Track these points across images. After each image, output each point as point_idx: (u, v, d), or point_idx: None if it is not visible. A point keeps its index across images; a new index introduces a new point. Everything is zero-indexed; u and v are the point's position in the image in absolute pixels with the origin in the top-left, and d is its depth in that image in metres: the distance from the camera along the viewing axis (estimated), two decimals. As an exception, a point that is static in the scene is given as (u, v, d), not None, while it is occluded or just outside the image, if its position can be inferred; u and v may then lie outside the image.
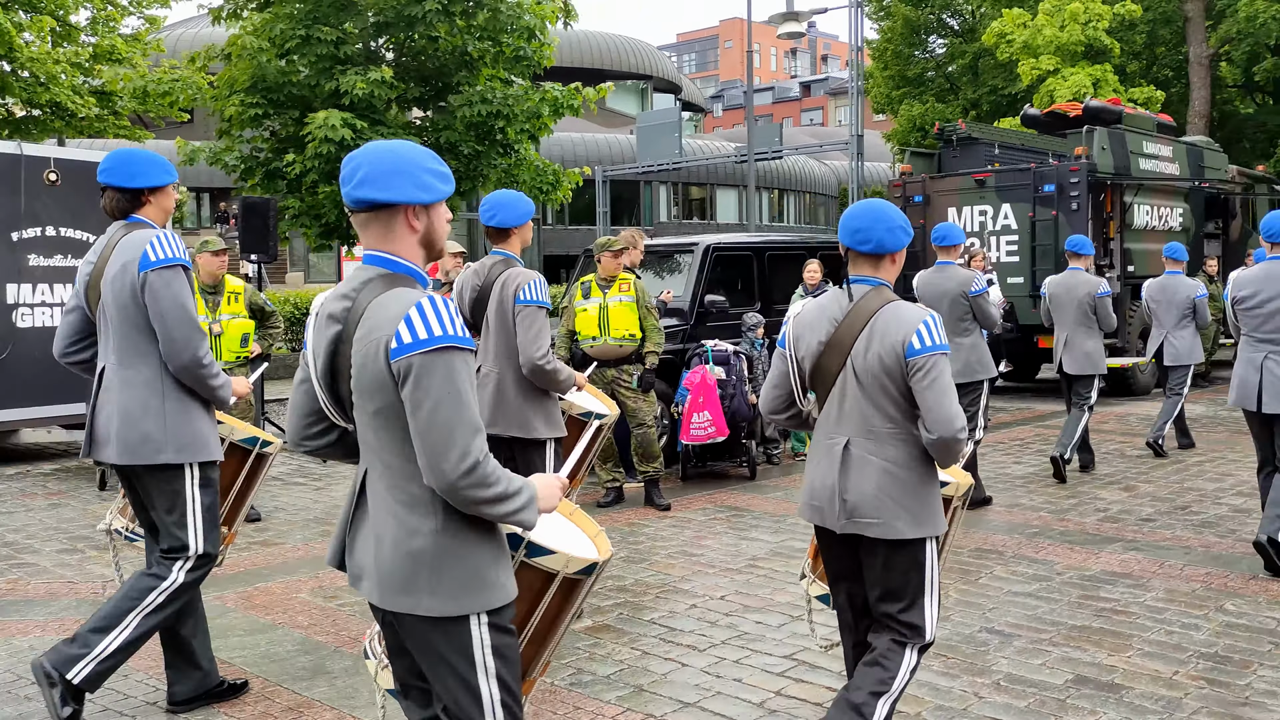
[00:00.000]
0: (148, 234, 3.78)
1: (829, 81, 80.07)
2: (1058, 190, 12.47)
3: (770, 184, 39.64)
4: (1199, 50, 25.38)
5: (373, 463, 2.38)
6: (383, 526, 2.34)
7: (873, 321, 3.24)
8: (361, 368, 2.30)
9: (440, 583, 2.29)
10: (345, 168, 2.35)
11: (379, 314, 2.28)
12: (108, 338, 3.83)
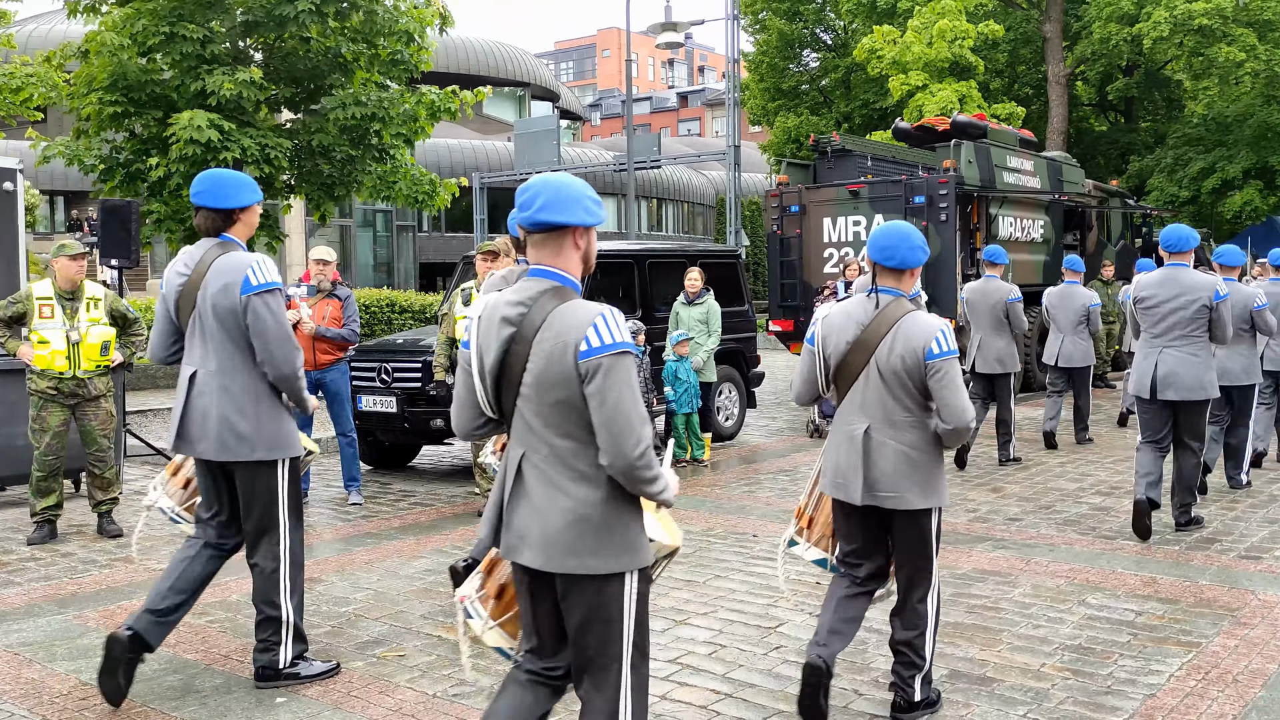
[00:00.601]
0: (247, 258, 4.23)
1: (706, 93, 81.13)
2: (927, 202, 12.87)
3: (648, 193, 39.86)
4: (1057, 70, 26.58)
5: (536, 446, 2.81)
6: (548, 500, 2.78)
7: (896, 327, 3.84)
8: (546, 365, 2.74)
9: (603, 546, 2.76)
10: (523, 196, 2.85)
11: (564, 321, 2.73)
12: (204, 346, 4.27)
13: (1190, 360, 6.70)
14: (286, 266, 24.87)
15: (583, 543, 2.75)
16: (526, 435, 2.84)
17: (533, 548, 2.79)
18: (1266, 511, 7.71)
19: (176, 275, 4.33)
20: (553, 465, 2.79)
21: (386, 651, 4.94)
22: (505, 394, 2.85)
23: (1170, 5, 22.53)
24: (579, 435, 2.76)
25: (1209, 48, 23.37)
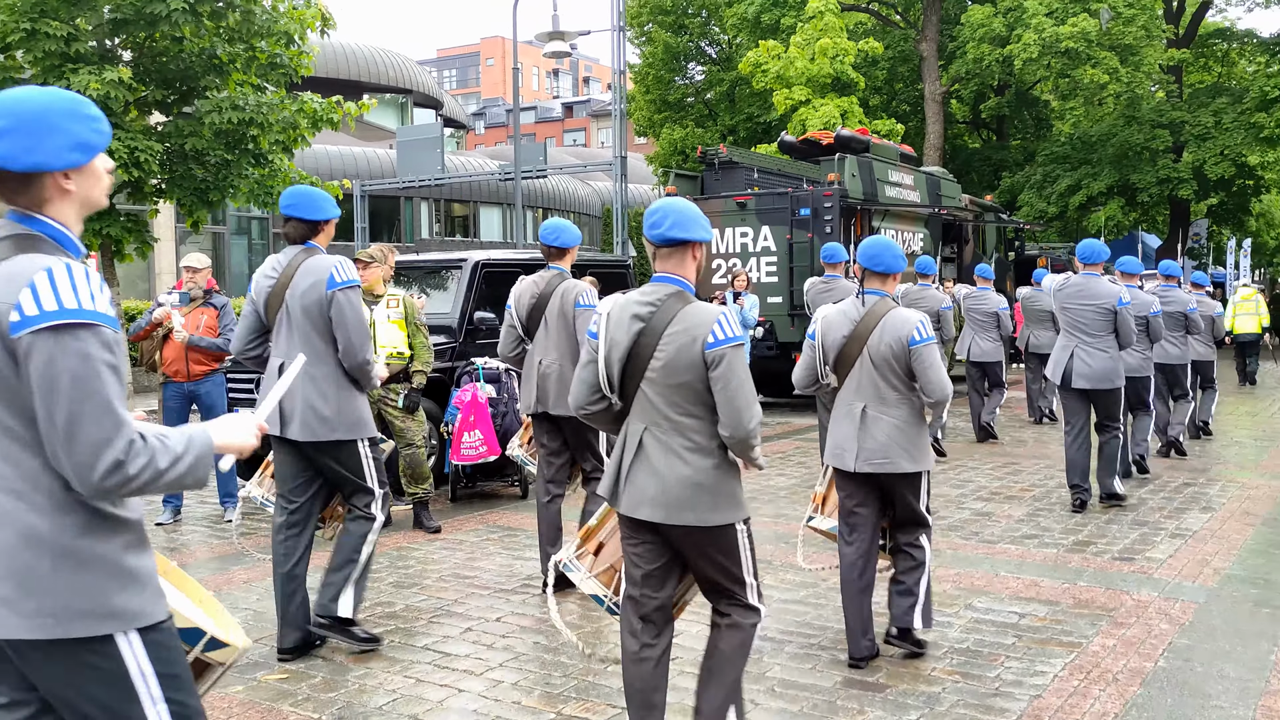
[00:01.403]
0: (330, 259, 4.76)
1: (591, 104, 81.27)
2: (813, 214, 13.08)
3: (534, 203, 39.63)
4: (933, 88, 27.40)
5: (657, 421, 3.39)
6: (668, 466, 3.36)
7: (883, 321, 4.64)
8: (675, 354, 3.33)
9: (716, 502, 3.36)
10: (653, 217, 3.41)
11: (692, 318, 3.34)
12: (290, 339, 4.75)
13: (1099, 355, 7.77)
14: (155, 274, 23.90)
15: (700, 500, 3.36)
16: (650, 412, 3.42)
17: (651, 504, 3.38)
18: (1136, 514, 8.02)
19: (265, 278, 4.89)
20: (672, 437, 3.38)
21: (268, 675, 4.73)
22: (629, 377, 3.44)
23: (1039, 28, 23.44)
24: (697, 413, 3.37)
25: (1075, 70, 24.39)
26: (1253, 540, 7.21)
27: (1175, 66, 28.82)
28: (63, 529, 2.04)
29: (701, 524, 3.36)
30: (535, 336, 5.91)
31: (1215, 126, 26.28)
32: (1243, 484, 9.25)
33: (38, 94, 2.12)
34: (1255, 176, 28.57)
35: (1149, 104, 27.22)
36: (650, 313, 3.40)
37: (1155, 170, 26.65)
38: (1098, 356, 7.78)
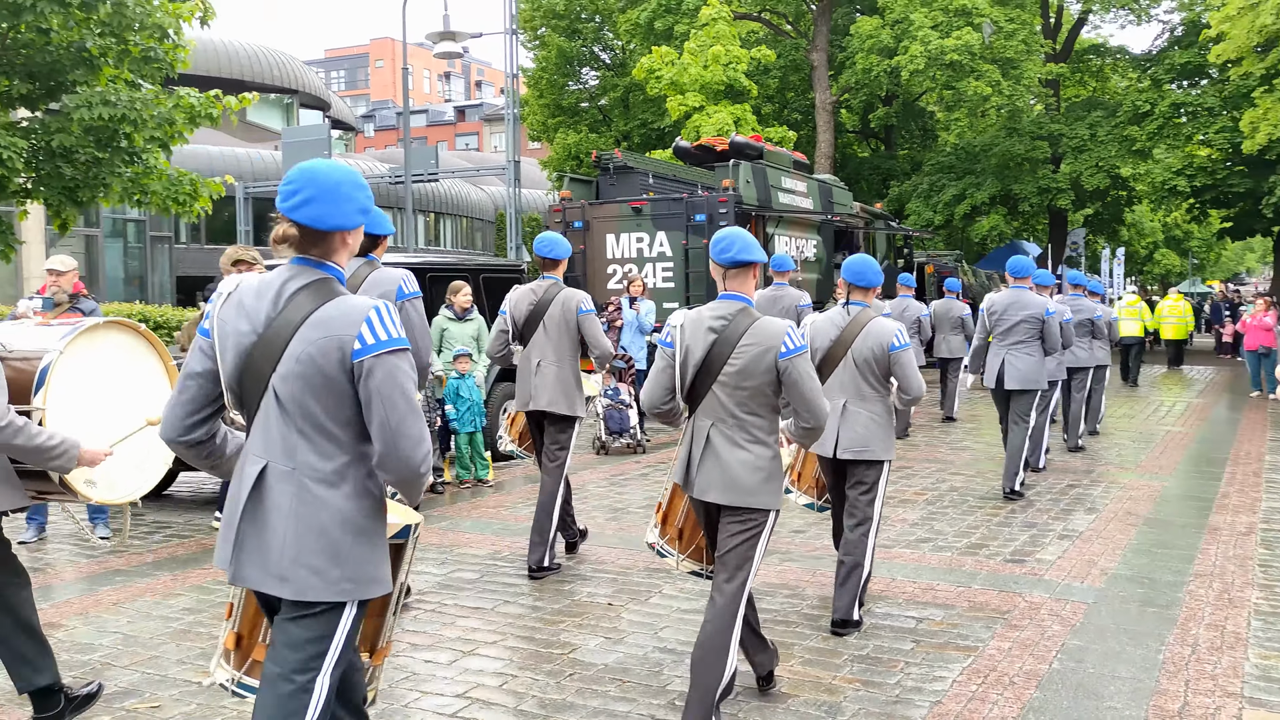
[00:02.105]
0: (398, 273, 5.04)
1: (484, 107, 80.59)
2: (708, 220, 13.07)
3: (426, 207, 38.99)
4: (824, 97, 27.81)
5: (724, 418, 3.99)
6: (731, 455, 3.98)
7: (866, 328, 5.34)
8: (748, 363, 3.91)
9: (768, 487, 3.99)
10: (721, 243, 4.02)
11: (764, 331, 3.92)
12: None
13: (1027, 359, 8.70)
14: (23, 279, 22.71)
15: (757, 486, 3.98)
16: (718, 410, 4.01)
17: (717, 488, 3.99)
18: (1026, 515, 8.15)
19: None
20: (737, 432, 3.99)
21: (139, 703, 4.42)
22: (700, 380, 4.00)
23: (925, 40, 23.99)
24: (761, 412, 3.99)
25: (959, 82, 25.03)
26: (1136, 540, 7.38)
27: (1053, 80, 29.85)
28: (360, 511, 2.65)
29: (758, 505, 3.99)
30: (532, 340, 6.43)
31: (1091, 139, 27.27)
32: (1124, 484, 9.51)
33: (332, 167, 2.69)
34: (1128, 188, 29.74)
35: (1029, 116, 28.14)
36: (724, 325, 3.97)
37: (1035, 180, 27.53)
38: (1026, 361, 8.69)
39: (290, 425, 2.62)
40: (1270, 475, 10.02)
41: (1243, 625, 5.51)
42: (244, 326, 2.66)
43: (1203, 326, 32.97)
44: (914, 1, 24.96)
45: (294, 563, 2.59)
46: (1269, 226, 29.44)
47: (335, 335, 2.57)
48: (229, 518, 2.69)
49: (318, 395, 2.59)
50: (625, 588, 6.13)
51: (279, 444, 2.64)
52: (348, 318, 2.57)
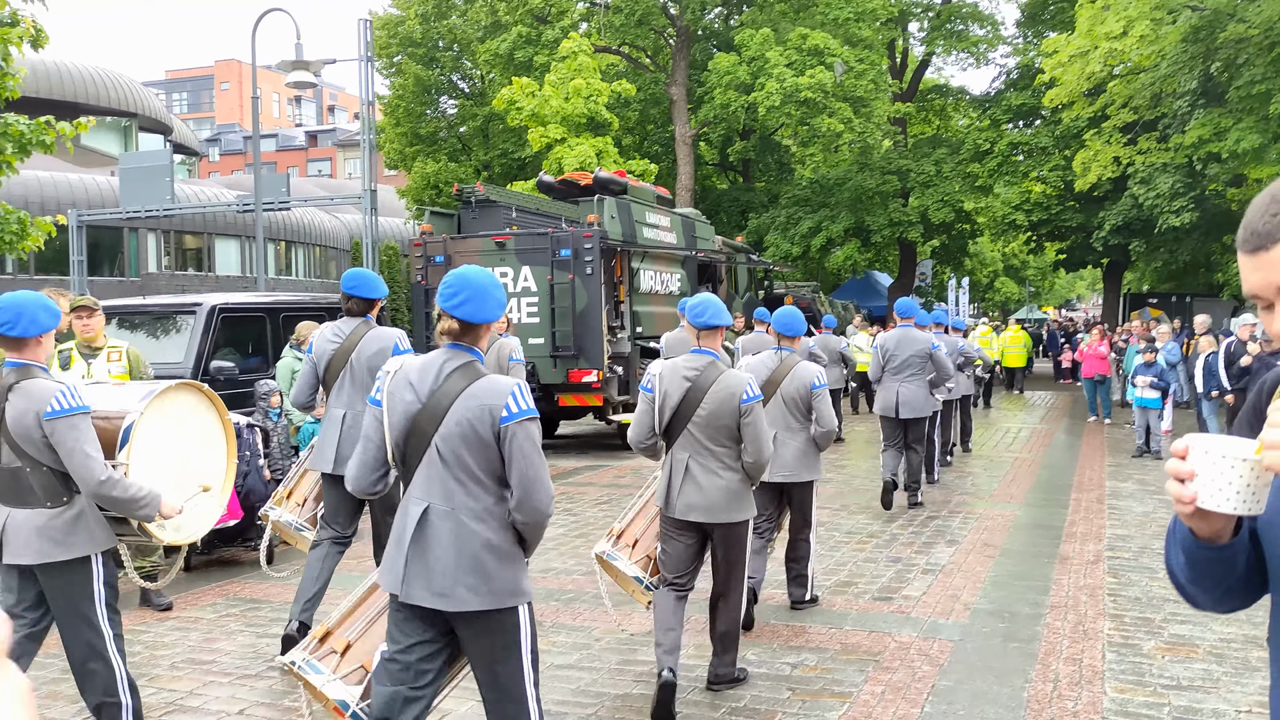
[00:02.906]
0: (393, 333, 5.73)
1: (337, 133, 78.81)
2: (573, 255, 12.98)
3: (276, 235, 37.77)
4: (683, 130, 28.18)
5: (700, 451, 4.91)
6: (709, 482, 4.89)
7: (793, 371, 6.32)
8: (717, 406, 4.85)
9: (741, 504, 4.95)
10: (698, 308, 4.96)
11: (730, 381, 4.88)
12: (354, 392, 5.70)
13: (917, 391, 9.87)
14: None
15: (731, 505, 4.94)
16: (694, 445, 4.95)
17: (700, 510, 4.92)
18: (891, 550, 8.30)
19: (328, 342, 5.82)
20: (710, 461, 4.93)
21: None
22: (676, 420, 4.94)
23: (780, 78, 24.57)
24: (728, 444, 4.94)
25: (813, 118, 25.72)
26: (994, 572, 7.59)
27: (900, 119, 31.01)
28: (504, 540, 3.34)
29: (731, 520, 4.94)
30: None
31: (937, 175, 28.41)
32: (980, 514, 9.81)
33: (481, 273, 3.41)
34: (971, 221, 31.09)
35: (879, 152, 29.12)
36: (696, 375, 4.92)
37: (887, 213, 28.47)
38: (916, 393, 9.86)
39: (449, 474, 3.32)
40: (1112, 502, 10.50)
41: (1098, 658, 5.70)
42: (409, 396, 3.38)
43: (1043, 352, 34.68)
44: (769, 40, 25.56)
45: (454, 582, 3.27)
46: (1099, 258, 31.17)
47: (487, 405, 3.28)
48: (396, 548, 3.38)
49: (472, 451, 3.30)
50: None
51: (439, 489, 3.35)
52: (497, 392, 3.30)
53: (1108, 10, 19.73)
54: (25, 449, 3.88)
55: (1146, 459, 13.63)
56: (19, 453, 3.89)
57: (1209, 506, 1.54)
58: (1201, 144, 19.68)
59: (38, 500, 3.91)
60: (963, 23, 30.89)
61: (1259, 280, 1.54)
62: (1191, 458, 1.55)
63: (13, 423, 3.88)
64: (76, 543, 3.95)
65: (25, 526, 3.92)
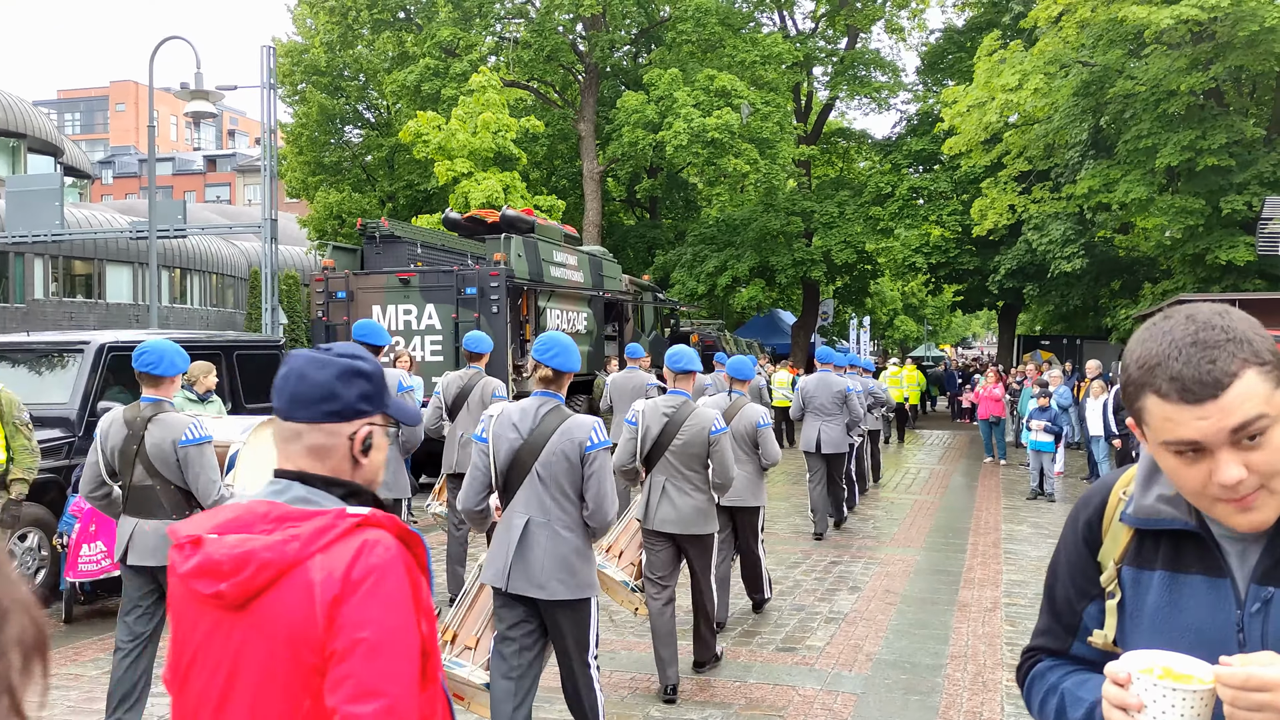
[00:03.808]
0: (397, 372, 7.21)
1: (237, 158, 77.12)
2: (479, 293, 12.83)
3: (171, 262, 36.69)
4: (591, 166, 28.24)
5: (674, 474, 5.87)
6: (683, 501, 5.88)
7: (742, 411, 7.30)
8: (691, 437, 5.84)
9: (708, 521, 6.03)
10: (675, 355, 6.04)
11: (700, 416, 5.86)
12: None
13: (836, 429, 11.17)
14: None
15: (699, 521, 5.94)
16: (669, 470, 5.87)
17: (672, 524, 5.91)
18: (794, 598, 8.32)
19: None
20: (684, 483, 5.89)
21: None
22: (656, 449, 5.84)
23: (688, 118, 24.82)
24: (699, 469, 5.89)
25: (720, 158, 26.02)
26: (896, 620, 7.66)
27: (805, 161, 31.58)
28: (584, 545, 4.35)
29: (700, 532, 6.00)
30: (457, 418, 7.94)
31: (839, 216, 28.96)
32: (881, 559, 9.91)
33: (563, 335, 4.44)
34: (872, 262, 31.74)
35: (784, 193, 29.57)
36: (674, 411, 5.88)
37: (791, 253, 28.89)
38: (835, 430, 11.17)
39: (546, 493, 4.31)
40: (1008, 546, 10.72)
41: (997, 710, 5.76)
42: (512, 435, 4.36)
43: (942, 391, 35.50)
44: (677, 80, 25.83)
45: (549, 577, 4.26)
46: (995, 300, 32.09)
47: (576, 439, 4.28)
48: (501, 550, 4.35)
49: (564, 474, 4.30)
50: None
51: (537, 505, 4.33)
52: (582, 429, 4.31)
53: (1004, 64, 20.44)
54: (159, 470, 4.78)
55: (1040, 501, 13.98)
56: (152, 473, 4.80)
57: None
58: (1092, 194, 20.44)
59: (164, 513, 4.80)
60: (865, 69, 31.66)
61: (1208, 428, 1.42)
62: (1137, 688, 1.39)
63: (151, 448, 4.78)
64: None
65: (152, 535, 4.77)
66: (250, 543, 1.72)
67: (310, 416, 1.87)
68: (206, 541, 1.75)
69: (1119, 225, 22.40)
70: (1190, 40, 18.37)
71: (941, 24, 38.13)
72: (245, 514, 1.79)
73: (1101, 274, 25.70)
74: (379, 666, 1.66)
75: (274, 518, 1.77)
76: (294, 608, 1.69)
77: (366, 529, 1.75)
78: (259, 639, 1.72)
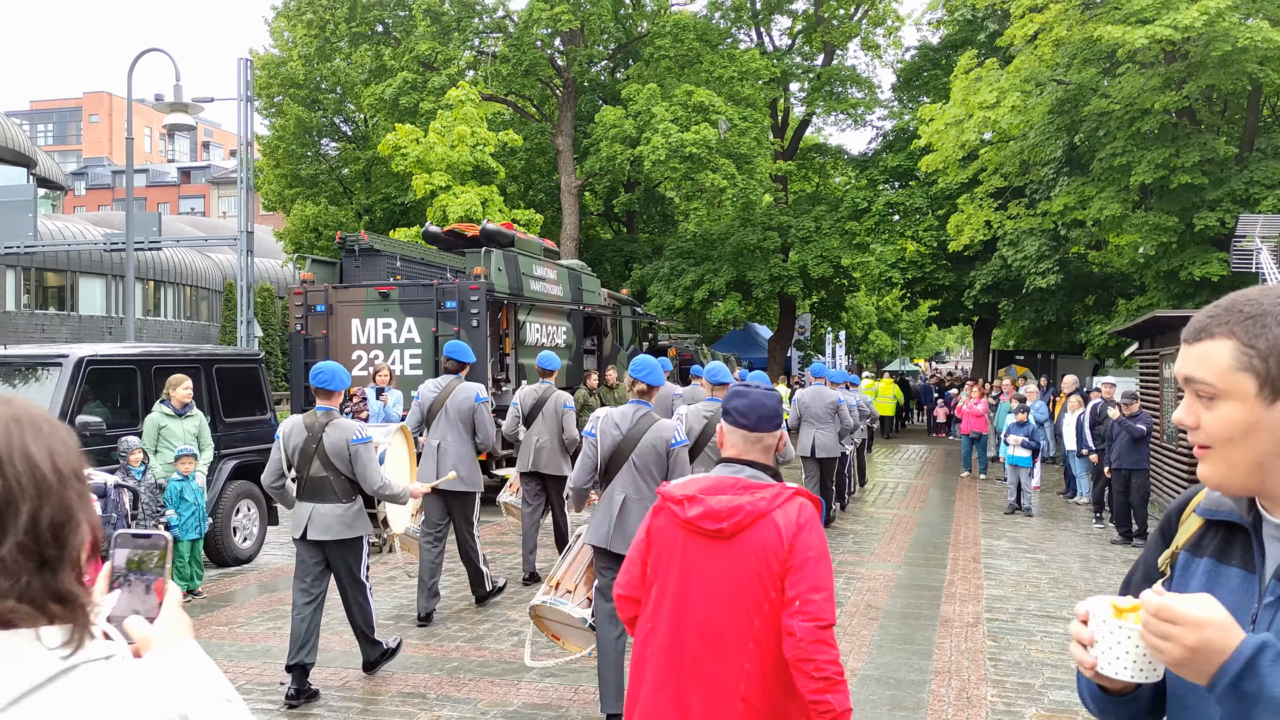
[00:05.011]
0: (475, 386, 8.19)
1: (211, 169, 76.64)
2: (459, 307, 12.77)
3: (145, 274, 36.38)
4: (569, 180, 28.26)
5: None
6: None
7: None
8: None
9: None
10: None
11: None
12: (445, 427, 8.02)
13: (829, 436, 12.40)
14: None
15: None
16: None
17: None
18: (777, 614, 8.30)
19: (430, 390, 8.20)
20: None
21: None
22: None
23: (666, 133, 24.89)
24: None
25: (697, 173, 26.10)
26: (878, 635, 7.66)
27: (782, 176, 31.73)
28: None
29: None
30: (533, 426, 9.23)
31: (816, 231, 29.09)
32: (862, 575, 9.92)
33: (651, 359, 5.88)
34: (849, 276, 31.89)
35: (761, 208, 29.69)
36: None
37: (768, 268, 28.99)
38: (829, 437, 12.39)
39: (639, 476, 5.61)
40: (987, 561, 10.75)
41: (983, 726, 5.76)
42: (615, 432, 5.69)
43: (917, 405, 35.67)
44: (655, 96, 25.90)
45: None
46: (970, 315, 32.31)
47: (664, 437, 5.64)
48: (604, 519, 5.58)
49: (654, 462, 5.62)
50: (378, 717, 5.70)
51: (632, 485, 5.62)
52: (668, 430, 5.67)
53: (980, 82, 20.63)
54: (335, 464, 6.12)
55: (1018, 515, 14.05)
56: (328, 467, 6.12)
57: (1107, 673, 1.53)
58: (1067, 211, 20.64)
59: (336, 498, 6.13)
60: (841, 85, 31.88)
61: (1176, 367, 1.62)
62: (1091, 623, 1.54)
63: (329, 446, 6.12)
64: (357, 526, 6.20)
65: (326, 515, 6.11)
66: (736, 500, 2.94)
67: (769, 428, 3.09)
68: (703, 499, 2.97)
69: (1093, 242, 22.62)
70: (1163, 60, 18.61)
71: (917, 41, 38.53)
72: (718, 483, 3.02)
73: (1076, 290, 25.94)
74: (821, 571, 2.87)
75: (741, 486, 2.99)
76: (767, 538, 2.89)
77: (798, 496, 2.98)
78: (742, 556, 2.92)
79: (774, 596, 2.87)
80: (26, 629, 1.14)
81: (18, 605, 1.13)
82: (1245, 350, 1.51)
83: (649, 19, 30.10)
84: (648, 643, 3.03)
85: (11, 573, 1.13)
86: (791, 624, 2.80)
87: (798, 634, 2.78)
